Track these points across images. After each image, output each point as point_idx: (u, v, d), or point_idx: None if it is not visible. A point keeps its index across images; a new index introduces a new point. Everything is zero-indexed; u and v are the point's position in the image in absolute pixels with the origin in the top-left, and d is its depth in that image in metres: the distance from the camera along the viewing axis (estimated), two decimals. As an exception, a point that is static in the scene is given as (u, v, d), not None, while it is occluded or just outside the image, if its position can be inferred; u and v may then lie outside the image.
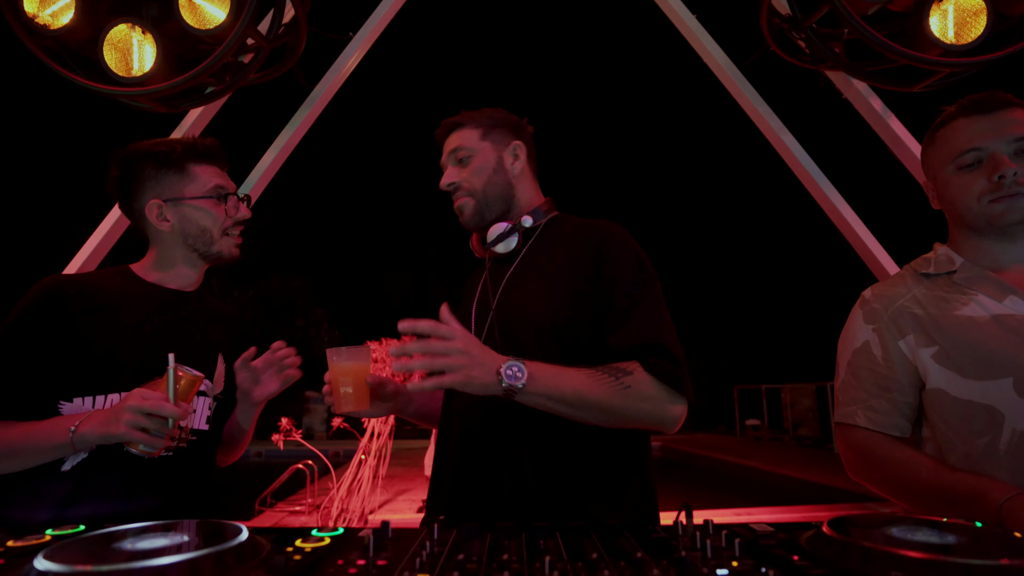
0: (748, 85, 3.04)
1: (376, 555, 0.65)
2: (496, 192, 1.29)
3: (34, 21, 2.17)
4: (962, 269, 1.14)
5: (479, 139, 1.30)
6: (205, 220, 1.27)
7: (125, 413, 1.00)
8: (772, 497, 7.56)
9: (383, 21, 3.13)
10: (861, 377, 1.17)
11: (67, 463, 1.10)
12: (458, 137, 1.30)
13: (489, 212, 1.29)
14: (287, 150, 2.98)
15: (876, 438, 1.12)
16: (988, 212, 1.11)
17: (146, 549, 0.62)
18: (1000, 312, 1.06)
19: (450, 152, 1.31)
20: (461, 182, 1.29)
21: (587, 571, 0.59)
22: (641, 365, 1.05)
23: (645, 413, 1.04)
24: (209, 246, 1.28)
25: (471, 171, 1.28)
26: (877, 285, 1.25)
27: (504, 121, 1.34)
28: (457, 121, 1.33)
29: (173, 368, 1.04)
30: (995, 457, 1.01)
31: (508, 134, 1.33)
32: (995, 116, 1.11)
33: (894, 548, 0.58)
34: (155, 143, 1.28)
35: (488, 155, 1.29)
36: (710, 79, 3.19)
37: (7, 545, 0.69)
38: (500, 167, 1.30)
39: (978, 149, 1.11)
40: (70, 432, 1.03)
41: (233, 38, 2.22)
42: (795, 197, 3.38)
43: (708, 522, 0.74)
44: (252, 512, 6.74)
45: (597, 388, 1.01)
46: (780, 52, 2.72)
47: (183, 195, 1.26)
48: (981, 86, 1.21)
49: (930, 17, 2.20)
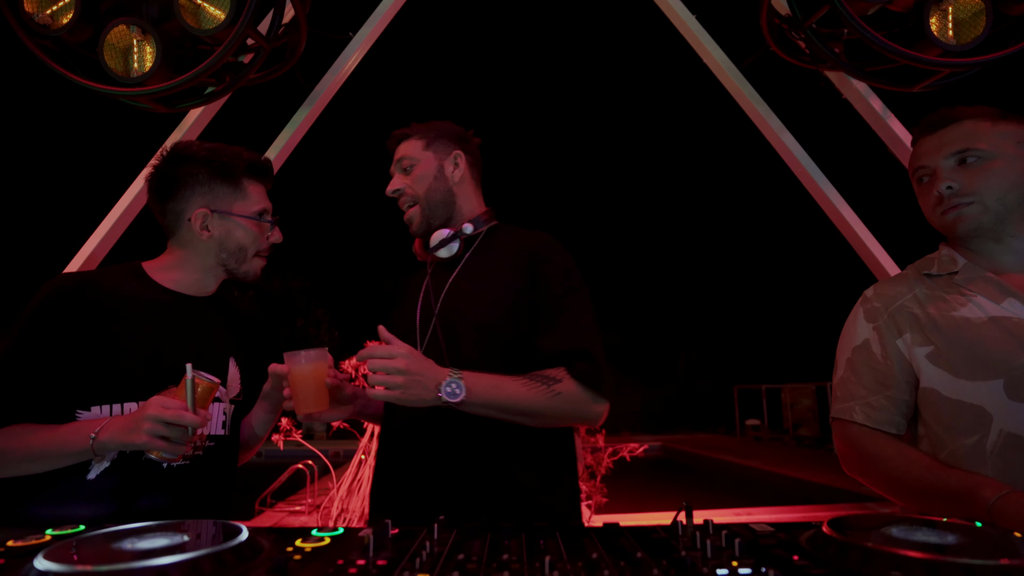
0: (748, 85, 3.04)
1: (376, 555, 0.65)
2: (438, 198, 1.36)
3: (34, 21, 2.17)
4: (964, 270, 1.15)
5: (422, 149, 1.38)
6: (245, 239, 1.27)
7: (145, 423, 1.00)
8: (772, 497, 7.56)
9: (383, 21, 3.13)
10: (861, 374, 1.18)
11: (92, 471, 1.09)
12: (404, 147, 1.39)
13: (434, 219, 1.35)
14: (287, 150, 2.98)
15: (872, 434, 1.14)
16: (942, 223, 1.17)
17: (146, 549, 0.62)
18: (998, 314, 1.07)
19: (396, 161, 1.40)
20: (404, 188, 1.36)
21: (587, 571, 0.59)
22: (568, 371, 1.16)
23: (572, 414, 1.16)
24: (240, 264, 1.29)
25: (414, 178, 1.36)
26: (879, 284, 1.26)
27: (448, 132, 1.41)
28: (404, 132, 1.41)
29: (192, 377, 1.04)
30: (981, 457, 1.03)
31: (450, 144, 1.40)
32: (939, 134, 1.15)
33: (894, 548, 0.59)
34: (215, 149, 1.27)
35: (430, 163, 1.37)
36: (710, 79, 3.19)
37: (7, 545, 0.69)
38: (441, 175, 1.37)
39: (924, 167, 1.17)
40: (91, 439, 1.02)
41: (233, 38, 2.22)
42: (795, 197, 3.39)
43: (708, 522, 0.74)
44: (252, 512, 6.74)
45: (530, 395, 1.12)
46: (780, 52, 2.72)
47: (232, 210, 1.25)
48: (981, 86, 1.23)
49: (930, 17, 2.20)
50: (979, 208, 1.11)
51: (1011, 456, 1.01)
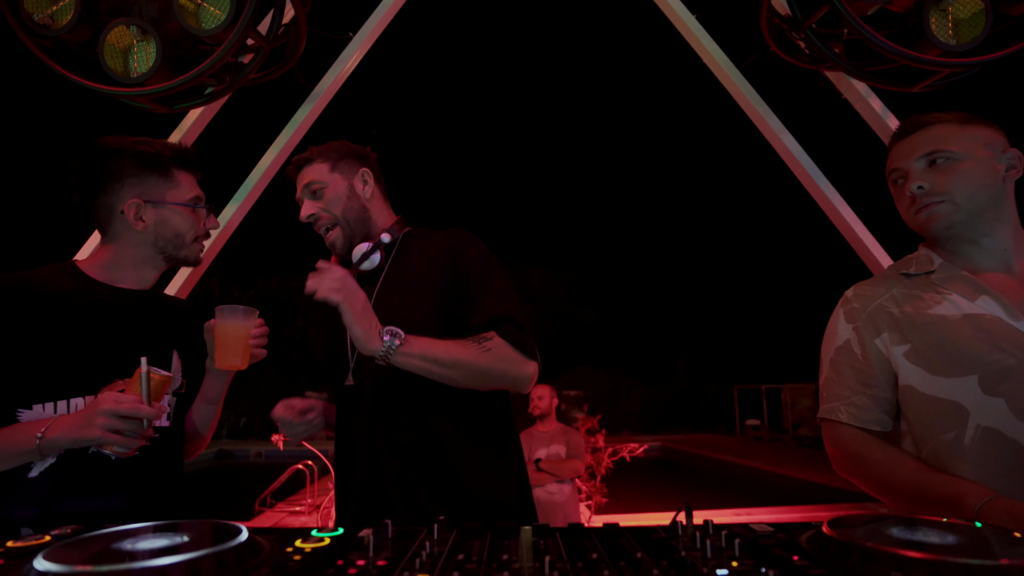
0: (748, 85, 3.04)
1: (376, 555, 0.65)
2: (355, 216, 1.39)
3: (34, 21, 2.17)
4: (940, 269, 1.18)
5: (329, 171, 1.39)
6: (182, 225, 1.29)
7: (99, 417, 1.00)
8: (772, 497, 7.56)
9: (383, 21, 3.13)
10: (843, 374, 1.22)
11: (34, 469, 1.08)
12: (309, 172, 1.39)
13: (355, 237, 1.38)
14: (287, 150, 2.98)
15: (861, 436, 1.17)
16: (916, 222, 1.20)
17: (146, 549, 0.62)
18: (972, 311, 1.10)
19: (304, 186, 1.40)
20: (320, 212, 1.37)
21: (587, 571, 0.59)
22: (496, 333, 1.22)
23: (504, 372, 1.22)
24: (179, 250, 1.30)
25: (327, 201, 1.38)
26: (859, 284, 1.29)
27: (349, 152, 1.43)
28: (306, 157, 1.41)
29: (147, 371, 1.05)
30: (960, 452, 1.06)
31: (355, 163, 1.42)
32: (911, 138, 1.19)
33: (894, 548, 0.58)
34: (137, 141, 1.27)
35: (339, 184, 1.39)
36: (710, 79, 3.19)
37: (7, 545, 0.69)
38: (352, 193, 1.40)
39: (897, 169, 1.21)
40: (36, 438, 1.01)
41: (233, 38, 2.22)
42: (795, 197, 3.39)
43: (708, 522, 0.74)
44: (252, 512, 6.74)
45: (464, 351, 1.17)
46: (780, 52, 2.72)
47: (164, 199, 1.27)
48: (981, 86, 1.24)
49: (930, 17, 2.20)
50: (950, 207, 1.14)
51: (988, 450, 1.04)
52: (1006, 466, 1.02)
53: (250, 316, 1.25)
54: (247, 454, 15.56)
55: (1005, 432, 1.03)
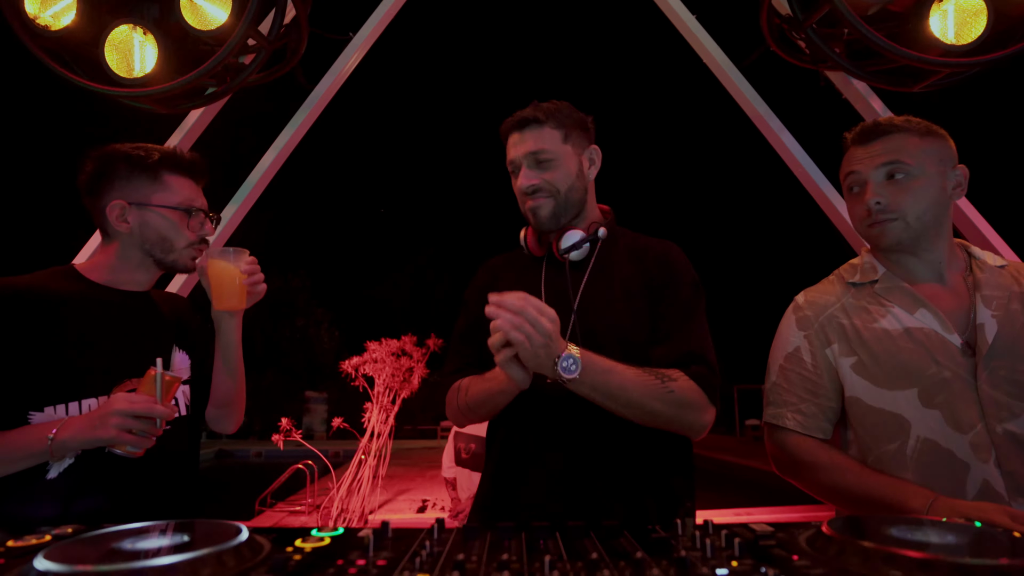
0: (748, 85, 3.04)
1: (376, 555, 0.65)
2: (576, 198, 1.27)
3: (35, 22, 2.17)
4: (883, 280, 1.22)
5: (561, 141, 1.26)
6: (167, 230, 1.28)
7: (113, 417, 1.02)
8: (772, 497, 7.55)
9: (383, 21, 3.13)
10: (792, 381, 1.25)
11: (52, 470, 1.10)
12: (538, 138, 1.25)
13: (565, 216, 1.27)
14: (287, 150, 2.99)
15: (805, 442, 1.21)
16: (867, 235, 1.24)
17: (146, 549, 0.62)
18: (911, 325, 1.15)
19: (528, 153, 1.25)
20: (542, 184, 1.25)
21: (587, 571, 0.59)
22: (684, 373, 1.12)
23: (681, 416, 1.11)
24: (166, 255, 1.29)
25: (555, 176, 1.25)
26: (809, 291, 1.32)
27: (581, 122, 1.30)
28: (534, 117, 1.26)
29: (161, 372, 1.09)
30: (903, 461, 1.11)
31: (585, 137, 1.31)
32: (872, 145, 1.21)
33: (894, 548, 0.58)
34: (135, 146, 1.28)
35: (571, 161, 1.26)
36: (710, 79, 3.19)
37: (7, 545, 0.69)
38: (580, 173, 1.28)
39: (855, 173, 1.22)
40: (48, 440, 1.03)
41: (235, 39, 2.22)
42: (795, 197, 3.38)
43: (708, 522, 0.74)
44: (252, 512, 6.74)
45: (642, 388, 1.07)
46: (780, 52, 2.72)
47: (150, 201, 1.26)
48: (981, 86, 1.25)
49: (930, 17, 2.19)
50: (901, 225, 1.18)
51: (929, 460, 1.09)
52: (943, 476, 1.07)
53: (240, 255, 1.29)
54: (247, 454, 15.56)
55: (941, 443, 1.08)
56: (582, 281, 1.26)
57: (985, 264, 1.21)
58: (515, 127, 1.28)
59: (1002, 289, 1.15)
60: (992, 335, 1.09)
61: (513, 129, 1.29)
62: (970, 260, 1.22)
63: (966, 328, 1.12)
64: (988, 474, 1.05)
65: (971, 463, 1.06)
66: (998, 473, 1.04)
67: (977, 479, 1.05)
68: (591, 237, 1.25)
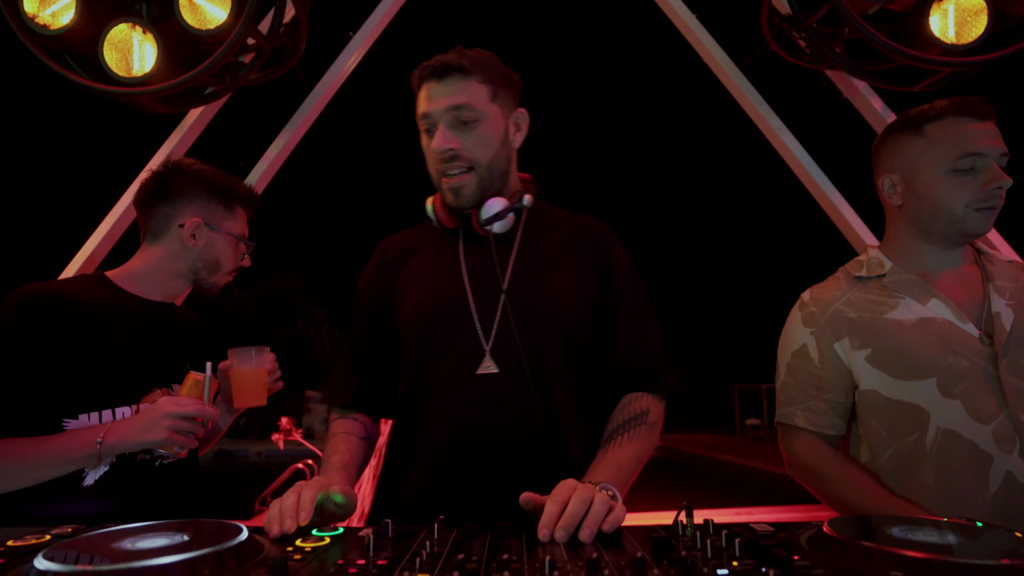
0: (748, 85, 3.04)
1: (376, 555, 0.65)
2: (500, 168, 1.10)
3: (34, 21, 2.17)
4: (891, 273, 1.21)
5: (488, 99, 1.07)
6: (224, 255, 1.37)
7: (164, 420, 1.08)
8: (772, 497, 7.55)
9: (383, 21, 3.13)
10: (799, 379, 1.24)
11: (88, 477, 1.12)
12: (463, 90, 1.05)
13: (488, 192, 1.10)
14: (287, 150, 2.98)
15: (819, 448, 1.20)
16: (969, 219, 1.14)
17: (146, 549, 0.62)
18: (924, 315, 1.14)
19: (451, 107, 1.05)
20: (462, 151, 1.06)
21: (587, 571, 0.59)
22: (649, 394, 1.10)
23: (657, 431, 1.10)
24: (211, 275, 1.37)
25: (476, 140, 1.06)
26: (815, 288, 1.31)
27: (509, 79, 1.13)
28: (461, 65, 1.05)
29: (209, 376, 1.16)
30: (922, 454, 1.09)
31: (512, 97, 1.14)
32: (988, 124, 1.15)
33: (894, 548, 0.58)
34: (221, 174, 1.39)
35: (497, 124, 1.09)
36: (710, 79, 3.18)
37: (7, 545, 0.69)
38: (506, 139, 1.11)
39: (978, 155, 1.12)
40: (96, 443, 1.06)
41: (234, 38, 2.22)
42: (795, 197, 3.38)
43: (708, 522, 0.74)
44: (252, 512, 6.74)
45: (642, 446, 1.03)
46: (780, 52, 2.72)
47: (221, 226, 1.36)
48: (982, 86, 1.24)
49: (930, 17, 2.19)
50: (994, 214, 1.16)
51: (950, 451, 1.07)
52: (965, 467, 1.06)
53: (263, 356, 1.30)
54: (247, 454, 15.57)
55: (963, 434, 1.06)
56: (510, 258, 1.11)
57: (994, 257, 1.21)
58: (434, 74, 1.06)
59: (1014, 280, 1.15)
60: (1009, 324, 1.09)
61: (431, 77, 1.06)
62: (978, 256, 1.23)
63: (980, 318, 1.12)
64: (1012, 465, 1.03)
65: (994, 454, 1.04)
66: (1022, 464, 1.03)
67: (1000, 470, 1.03)
68: (516, 206, 1.10)
